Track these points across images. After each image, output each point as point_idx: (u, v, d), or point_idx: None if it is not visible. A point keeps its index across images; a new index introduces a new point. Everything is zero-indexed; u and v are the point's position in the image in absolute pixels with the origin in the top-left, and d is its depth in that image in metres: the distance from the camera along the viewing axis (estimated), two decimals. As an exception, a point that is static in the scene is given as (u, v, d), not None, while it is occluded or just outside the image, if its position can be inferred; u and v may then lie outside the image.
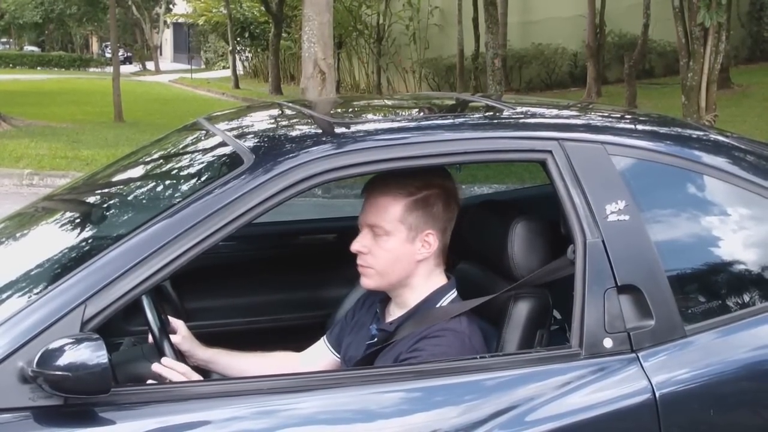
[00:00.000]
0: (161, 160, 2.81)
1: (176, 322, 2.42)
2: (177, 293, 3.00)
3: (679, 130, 2.63)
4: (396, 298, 2.36)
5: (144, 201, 2.54)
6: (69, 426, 1.81)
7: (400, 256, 2.29)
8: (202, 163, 2.58)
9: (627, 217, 2.15)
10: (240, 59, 33.02)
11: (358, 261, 2.31)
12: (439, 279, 2.36)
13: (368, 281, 2.32)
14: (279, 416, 1.93)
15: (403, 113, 2.94)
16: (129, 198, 2.62)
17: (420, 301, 2.32)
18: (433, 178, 2.33)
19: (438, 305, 2.31)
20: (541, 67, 21.38)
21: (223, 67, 37.22)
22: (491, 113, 2.69)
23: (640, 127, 2.59)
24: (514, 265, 2.29)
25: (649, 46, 17.96)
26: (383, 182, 2.30)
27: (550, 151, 2.19)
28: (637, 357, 2.08)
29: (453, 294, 2.35)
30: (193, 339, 2.42)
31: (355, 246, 2.29)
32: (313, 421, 1.92)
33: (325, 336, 2.55)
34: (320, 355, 2.52)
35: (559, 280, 2.24)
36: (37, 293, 1.91)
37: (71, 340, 1.76)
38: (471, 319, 2.29)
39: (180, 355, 2.32)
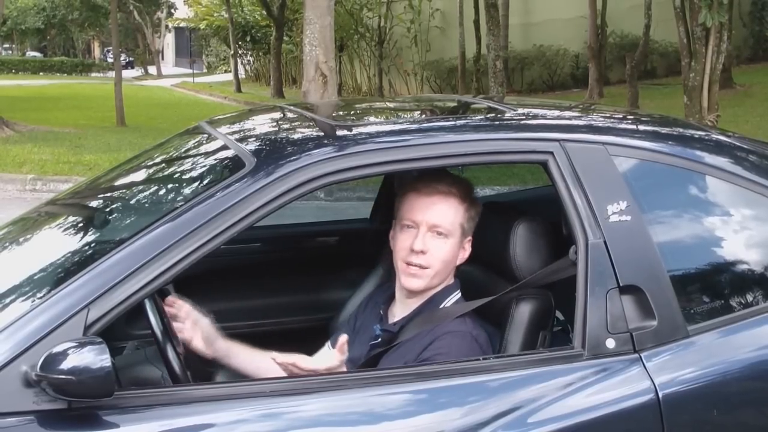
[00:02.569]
0: (163, 164, 2.81)
1: (196, 315, 2.39)
2: (180, 297, 3.00)
3: (681, 130, 2.63)
4: (410, 298, 2.35)
5: (146, 205, 2.55)
6: (73, 430, 1.81)
7: (452, 258, 2.31)
8: (204, 166, 2.58)
9: (629, 218, 2.15)
10: (242, 63, 33.03)
11: (415, 260, 2.27)
12: (448, 281, 2.37)
13: (419, 282, 2.29)
14: (283, 419, 1.93)
15: (405, 115, 2.95)
16: (131, 202, 2.63)
17: (424, 301, 2.33)
18: (469, 185, 2.36)
19: (442, 306, 2.32)
20: (542, 69, 21.36)
21: (225, 71, 37.23)
22: (493, 115, 2.69)
23: (641, 127, 2.59)
24: (516, 267, 2.29)
25: (650, 46, 17.94)
26: (440, 182, 2.30)
27: (551, 152, 2.20)
28: (640, 357, 2.08)
29: (457, 295, 2.35)
30: (213, 330, 2.40)
31: (418, 245, 2.26)
32: (317, 423, 1.92)
33: (329, 342, 2.55)
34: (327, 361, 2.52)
35: (562, 281, 2.24)
36: (41, 297, 1.91)
37: (75, 344, 1.76)
38: (475, 319, 2.29)
39: (183, 358, 2.31)
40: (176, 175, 2.66)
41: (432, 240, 2.27)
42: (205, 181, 2.36)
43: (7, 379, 1.77)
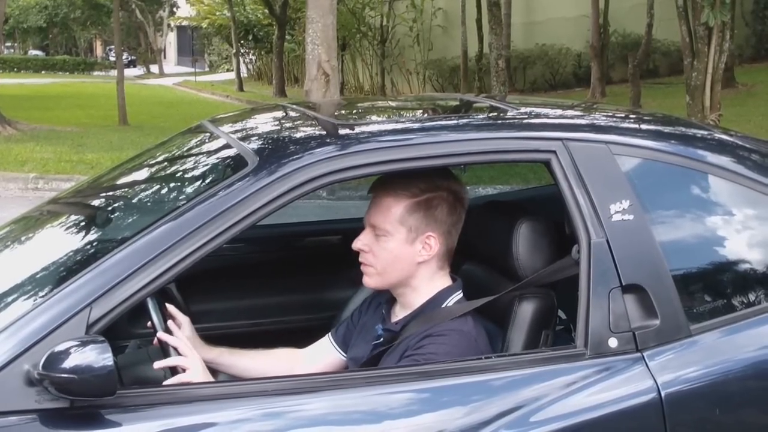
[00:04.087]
0: (165, 163, 2.81)
1: (182, 321, 2.41)
2: (182, 295, 3.00)
3: (684, 129, 2.63)
4: (399, 298, 2.38)
5: (149, 203, 2.55)
6: (75, 428, 1.81)
7: (400, 256, 2.29)
8: (207, 165, 2.58)
9: (631, 217, 2.14)
10: (244, 62, 33.03)
11: (360, 259, 2.34)
12: (444, 281, 2.36)
13: (369, 280, 2.35)
14: (286, 418, 1.93)
15: (407, 114, 2.95)
16: (134, 201, 2.63)
17: (425, 301, 2.33)
18: (439, 181, 2.33)
19: (443, 306, 2.32)
20: (545, 68, 21.34)
21: (227, 70, 37.26)
22: (495, 114, 2.69)
23: (644, 126, 2.59)
24: (518, 266, 2.29)
25: (653, 45, 17.89)
26: (389, 183, 2.31)
27: (554, 152, 2.19)
28: (643, 356, 2.08)
29: (459, 295, 2.35)
30: (197, 339, 2.42)
31: (357, 244, 2.32)
32: (320, 422, 1.92)
33: (330, 333, 2.56)
34: (325, 352, 2.53)
35: (564, 281, 2.24)
36: (43, 296, 1.91)
37: (77, 343, 1.76)
38: (477, 319, 2.29)
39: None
40: (178, 174, 2.67)
41: (373, 239, 2.31)
42: (208, 180, 2.37)
43: (9, 377, 1.78)
